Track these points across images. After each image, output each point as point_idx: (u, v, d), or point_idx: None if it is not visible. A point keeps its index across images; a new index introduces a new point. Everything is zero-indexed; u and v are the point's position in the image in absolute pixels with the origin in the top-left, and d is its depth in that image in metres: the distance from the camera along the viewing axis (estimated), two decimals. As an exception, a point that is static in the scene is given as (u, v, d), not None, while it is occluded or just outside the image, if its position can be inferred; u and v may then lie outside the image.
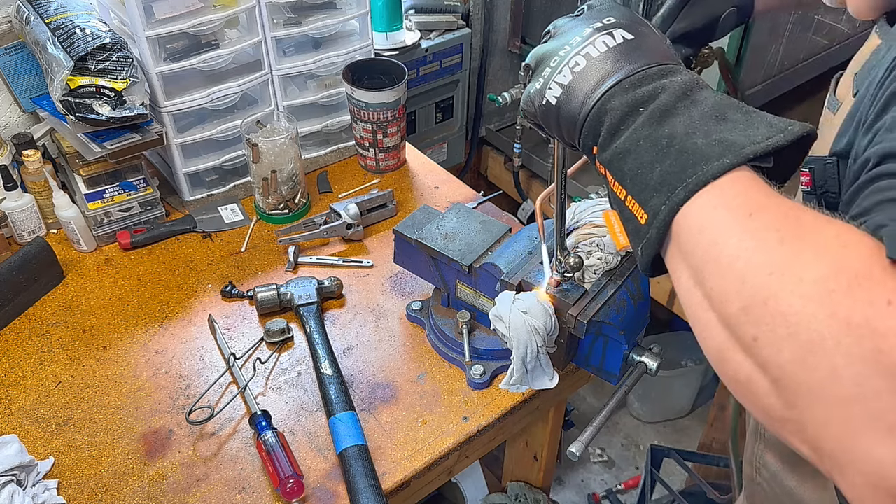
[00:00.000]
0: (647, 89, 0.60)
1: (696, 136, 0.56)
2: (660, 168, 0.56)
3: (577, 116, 0.64)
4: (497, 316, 1.04)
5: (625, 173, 0.60)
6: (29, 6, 1.35)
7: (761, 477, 1.07)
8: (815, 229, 0.48)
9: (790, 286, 0.46)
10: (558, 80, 0.65)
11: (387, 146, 1.57)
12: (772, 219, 0.50)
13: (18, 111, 1.48)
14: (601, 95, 0.62)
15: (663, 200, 0.55)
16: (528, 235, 1.16)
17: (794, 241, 0.47)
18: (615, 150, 0.61)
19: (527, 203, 2.39)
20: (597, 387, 2.66)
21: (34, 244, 1.28)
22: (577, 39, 0.66)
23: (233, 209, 1.49)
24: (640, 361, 1.05)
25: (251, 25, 1.40)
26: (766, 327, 0.47)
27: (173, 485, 1.02)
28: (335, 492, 1.01)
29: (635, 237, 0.59)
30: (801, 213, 0.49)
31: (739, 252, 0.49)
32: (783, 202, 0.51)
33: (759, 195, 0.52)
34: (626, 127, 0.60)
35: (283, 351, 1.21)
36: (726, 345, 0.51)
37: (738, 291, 0.49)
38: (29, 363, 1.19)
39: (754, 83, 1.91)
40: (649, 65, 0.62)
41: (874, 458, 0.43)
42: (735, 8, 1.00)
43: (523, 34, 2.27)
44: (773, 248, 0.48)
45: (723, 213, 0.52)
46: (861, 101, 0.68)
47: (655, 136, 0.58)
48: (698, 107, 0.58)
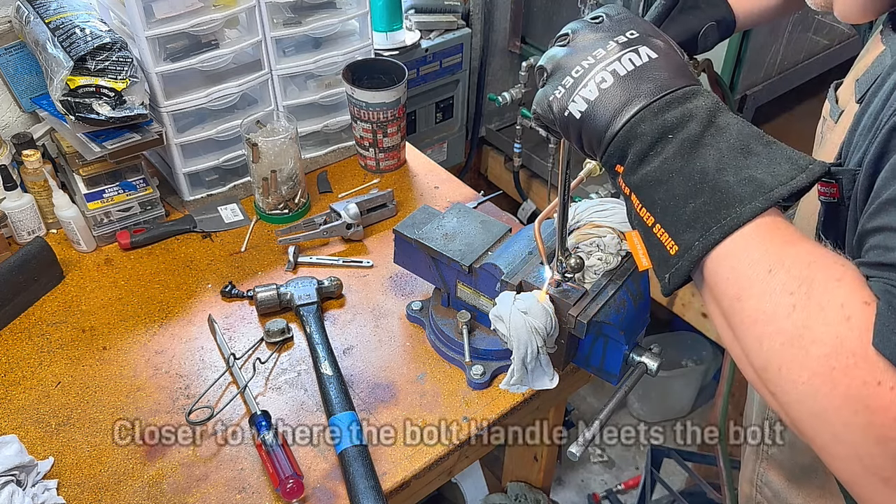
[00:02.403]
0: (674, 114, 0.62)
1: (727, 173, 0.59)
2: (693, 204, 0.60)
3: (604, 135, 0.65)
4: (497, 316, 1.04)
5: (655, 202, 0.63)
6: (29, 6, 1.35)
7: (762, 496, 1.06)
8: (824, 294, 0.54)
9: (800, 359, 0.54)
10: (584, 95, 0.65)
11: (387, 146, 1.57)
12: (787, 278, 0.55)
13: (18, 111, 1.48)
14: (629, 119, 0.63)
15: (697, 237, 0.60)
16: (528, 235, 1.15)
17: (805, 309, 0.54)
18: (645, 176, 0.63)
19: (527, 203, 2.39)
20: (597, 387, 2.66)
21: (34, 244, 1.28)
22: (600, 52, 0.66)
23: (233, 209, 1.49)
24: (641, 362, 1.05)
25: (251, 25, 1.40)
26: (780, 389, 0.56)
27: (173, 485, 1.02)
28: (335, 492, 1.01)
29: (662, 265, 0.64)
30: (815, 272, 0.55)
31: (757, 315, 0.57)
32: (801, 253, 0.57)
33: (780, 243, 0.57)
34: (656, 154, 0.62)
35: (282, 351, 1.21)
36: (757, 384, 0.59)
37: (758, 352, 0.57)
38: (29, 363, 1.19)
39: (754, 83, 1.91)
40: (674, 87, 0.63)
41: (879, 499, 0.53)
42: (714, 23, 1.00)
43: (523, 34, 2.27)
44: (786, 317, 0.55)
45: (747, 263, 0.58)
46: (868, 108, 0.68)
47: (688, 171, 0.61)
48: (724, 136, 0.61)
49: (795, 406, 0.55)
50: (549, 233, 1.13)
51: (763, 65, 1.90)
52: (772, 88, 1.95)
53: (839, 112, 0.83)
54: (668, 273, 0.63)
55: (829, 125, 0.86)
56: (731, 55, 1.77)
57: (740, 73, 1.81)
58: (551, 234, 1.12)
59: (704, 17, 1.00)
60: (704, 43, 1.02)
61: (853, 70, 0.84)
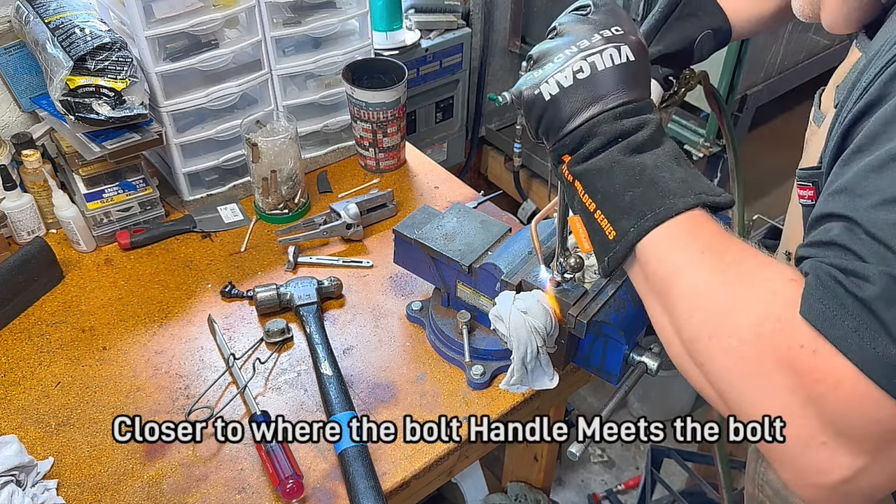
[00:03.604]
0: (632, 122, 0.67)
1: (663, 171, 0.65)
2: (631, 193, 0.65)
3: (564, 124, 0.68)
4: (497, 316, 1.04)
5: (596, 189, 0.67)
6: (28, 6, 1.35)
7: (764, 495, 1.06)
8: (753, 273, 0.59)
9: (729, 328, 0.58)
10: (558, 79, 0.68)
11: (387, 146, 1.57)
12: (718, 260, 0.60)
13: (18, 111, 1.48)
14: (592, 117, 0.67)
15: (632, 224, 0.64)
16: (528, 235, 1.15)
17: (735, 284, 0.59)
18: (589, 166, 0.68)
19: (527, 203, 2.39)
20: (597, 387, 2.66)
21: (33, 244, 1.28)
22: (584, 43, 0.68)
23: (232, 209, 1.49)
24: (641, 361, 1.05)
25: (251, 25, 1.40)
26: (709, 358, 0.60)
27: (173, 485, 1.02)
28: (335, 492, 1.01)
29: (602, 248, 0.69)
30: (745, 256, 0.60)
31: (688, 290, 0.61)
32: (731, 242, 0.62)
33: (710, 234, 0.62)
34: (605, 150, 0.67)
35: (282, 351, 1.21)
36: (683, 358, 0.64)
37: (688, 324, 0.61)
38: (28, 363, 1.19)
39: (754, 83, 1.91)
40: (638, 98, 0.68)
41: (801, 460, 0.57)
42: (710, 31, 1.00)
43: (523, 34, 2.27)
44: (716, 290, 0.59)
45: (680, 246, 0.63)
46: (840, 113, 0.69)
47: (629, 164, 0.66)
48: (663, 147, 0.67)
49: (725, 374, 0.59)
50: (548, 233, 1.13)
51: (763, 65, 1.90)
52: (772, 88, 1.95)
53: (822, 118, 0.84)
54: (607, 256, 0.67)
55: (812, 130, 0.87)
56: (731, 55, 1.77)
57: (740, 73, 1.80)
58: (550, 235, 1.13)
59: (701, 25, 1.00)
60: (701, 51, 1.02)
61: (835, 76, 0.85)
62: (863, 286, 0.53)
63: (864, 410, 0.53)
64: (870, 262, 0.53)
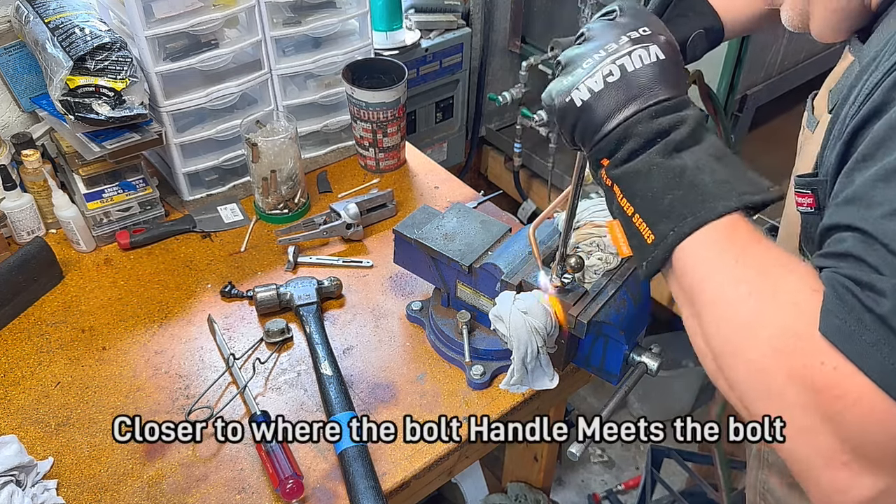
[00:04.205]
0: (668, 119, 0.65)
1: (703, 173, 0.63)
2: (671, 197, 0.63)
3: (599, 128, 0.67)
4: (497, 316, 1.04)
5: (635, 193, 0.66)
6: (28, 6, 1.35)
7: (766, 503, 1.06)
8: (778, 283, 0.58)
9: (751, 341, 0.58)
10: (589, 85, 0.67)
11: (387, 146, 1.57)
12: (748, 268, 0.60)
13: (18, 111, 1.48)
14: (627, 118, 0.66)
15: (671, 227, 0.63)
16: (528, 235, 1.15)
17: (759, 294, 0.58)
18: (628, 169, 0.66)
19: (527, 203, 2.39)
20: (597, 387, 2.66)
21: (33, 244, 1.28)
22: (612, 46, 0.67)
23: (232, 209, 1.49)
24: (641, 362, 1.05)
25: (251, 25, 1.40)
26: (734, 373, 0.60)
27: (173, 485, 1.02)
28: (335, 492, 1.01)
29: (640, 252, 0.67)
30: (772, 264, 0.60)
31: (717, 300, 0.61)
32: (762, 250, 0.61)
33: (745, 239, 0.61)
34: (643, 152, 0.65)
35: (282, 351, 1.21)
36: (716, 374, 0.63)
37: (716, 336, 0.61)
38: (28, 363, 1.19)
39: (754, 83, 1.91)
40: (672, 95, 0.66)
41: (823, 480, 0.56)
42: (702, 31, 1.00)
43: (523, 34, 2.27)
44: (742, 302, 0.59)
45: (714, 253, 0.62)
46: (837, 118, 0.70)
47: (668, 166, 0.64)
48: (703, 144, 0.65)
49: (747, 389, 0.59)
50: (547, 234, 1.13)
51: (763, 65, 1.90)
52: (772, 88, 1.95)
53: (815, 122, 0.84)
54: (645, 260, 0.66)
55: (806, 135, 0.87)
56: (731, 55, 1.77)
57: (740, 73, 1.80)
58: (549, 236, 1.13)
59: (692, 25, 1.00)
60: (693, 52, 1.01)
61: (828, 80, 0.85)
62: (879, 301, 0.52)
63: (884, 427, 0.52)
64: (885, 274, 0.52)
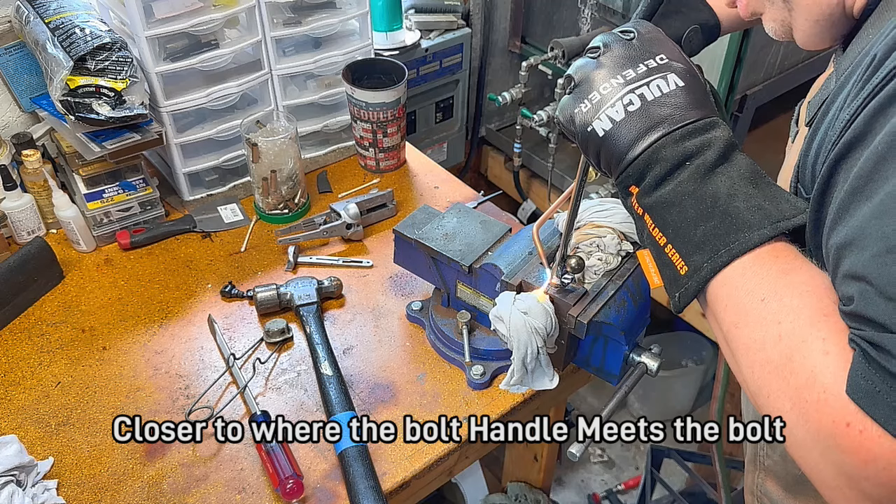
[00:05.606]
0: (695, 143, 0.64)
1: (737, 200, 0.62)
2: (704, 227, 0.62)
3: (624, 156, 0.66)
4: (497, 316, 1.04)
5: (667, 223, 0.65)
6: (28, 6, 1.35)
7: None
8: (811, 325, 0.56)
9: (782, 388, 0.56)
10: (609, 115, 0.66)
11: (387, 146, 1.57)
12: (779, 308, 0.58)
13: (18, 111, 1.48)
14: (651, 143, 0.65)
15: (706, 259, 0.62)
16: (528, 236, 1.15)
17: (790, 339, 0.56)
18: (659, 198, 0.65)
19: (527, 203, 2.39)
20: (597, 387, 2.66)
21: (33, 244, 1.28)
22: (630, 74, 0.67)
23: (232, 209, 1.49)
24: (641, 362, 1.05)
25: (251, 25, 1.40)
26: (769, 412, 0.58)
27: (173, 485, 1.02)
28: (335, 492, 1.01)
29: (673, 284, 0.66)
30: (805, 304, 0.57)
31: (750, 343, 0.59)
32: (795, 283, 0.59)
33: (778, 274, 0.59)
34: (672, 178, 0.64)
35: (282, 351, 1.21)
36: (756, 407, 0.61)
37: (751, 379, 0.60)
38: (28, 363, 1.19)
39: (754, 83, 1.91)
40: (696, 118, 0.65)
41: None
42: (697, 26, 0.99)
43: (523, 34, 2.27)
44: (773, 346, 0.57)
45: (744, 293, 0.60)
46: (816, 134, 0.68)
47: (700, 195, 0.63)
48: (735, 167, 0.64)
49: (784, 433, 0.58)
50: (547, 235, 1.13)
51: (763, 65, 1.90)
52: (772, 88, 1.95)
53: (796, 132, 0.83)
54: (678, 292, 0.65)
55: (789, 144, 0.86)
56: (731, 55, 1.77)
57: (740, 73, 1.80)
58: (549, 237, 1.13)
59: (687, 20, 0.99)
60: (689, 47, 1.01)
61: (812, 90, 0.84)
62: (892, 362, 0.51)
63: None
64: (893, 330, 0.51)
